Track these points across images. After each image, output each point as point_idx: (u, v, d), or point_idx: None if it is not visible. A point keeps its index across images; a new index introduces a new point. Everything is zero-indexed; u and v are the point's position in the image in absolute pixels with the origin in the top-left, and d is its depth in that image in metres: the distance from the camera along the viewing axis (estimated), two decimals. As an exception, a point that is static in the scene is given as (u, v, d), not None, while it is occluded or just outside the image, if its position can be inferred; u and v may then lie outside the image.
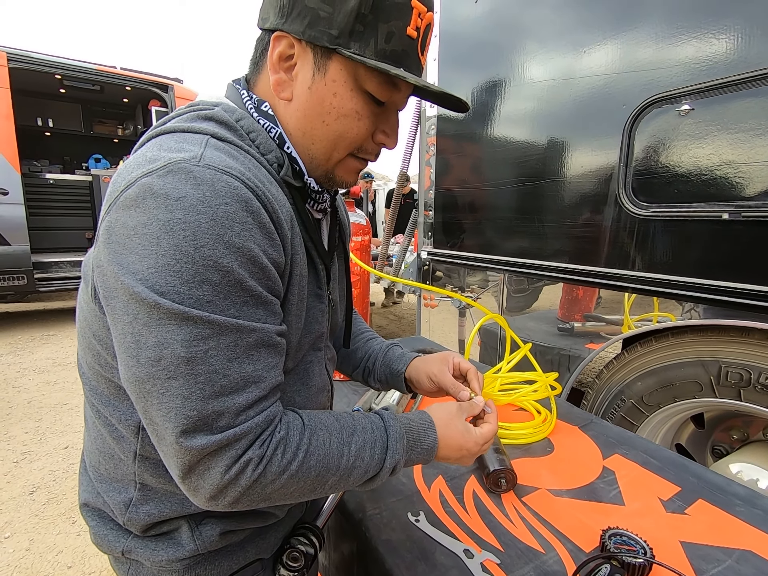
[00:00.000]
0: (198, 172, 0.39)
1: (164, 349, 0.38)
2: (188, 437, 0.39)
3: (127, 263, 0.38)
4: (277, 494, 0.46)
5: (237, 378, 0.41)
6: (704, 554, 0.70)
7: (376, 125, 0.52)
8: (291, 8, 0.46)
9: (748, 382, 1.10)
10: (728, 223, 1.05)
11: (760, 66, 0.97)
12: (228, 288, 0.40)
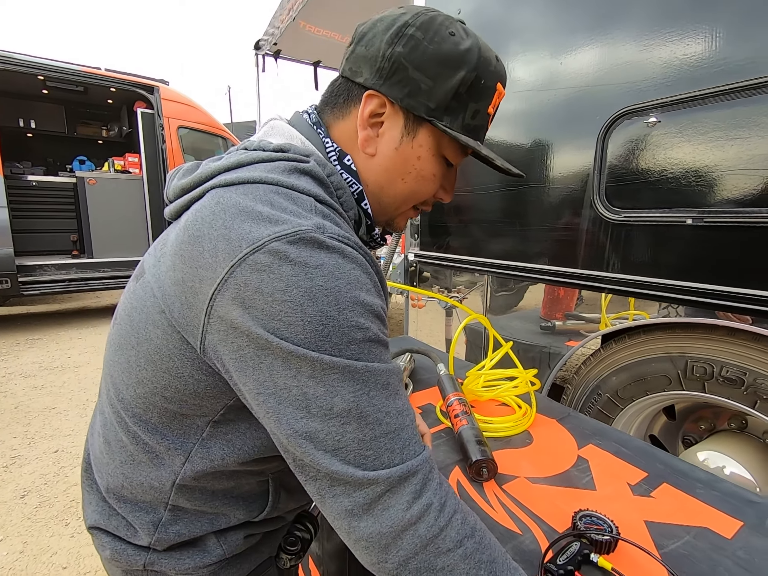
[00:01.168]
0: (328, 242, 0.41)
1: (334, 397, 0.40)
2: (362, 472, 0.41)
3: (274, 329, 0.39)
4: (442, 574, 0.42)
5: (395, 414, 0.43)
6: (665, 532, 0.77)
7: (441, 184, 0.58)
8: (392, 73, 0.49)
9: (711, 375, 1.18)
10: (692, 228, 1.13)
11: (718, 83, 1.05)
12: (369, 343, 0.43)
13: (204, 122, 5.18)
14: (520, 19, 1.54)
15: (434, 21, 0.49)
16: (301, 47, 4.28)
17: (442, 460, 0.98)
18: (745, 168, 1.03)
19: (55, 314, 5.34)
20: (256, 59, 4.43)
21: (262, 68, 4.42)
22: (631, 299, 1.39)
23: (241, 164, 0.49)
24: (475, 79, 0.49)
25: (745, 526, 0.78)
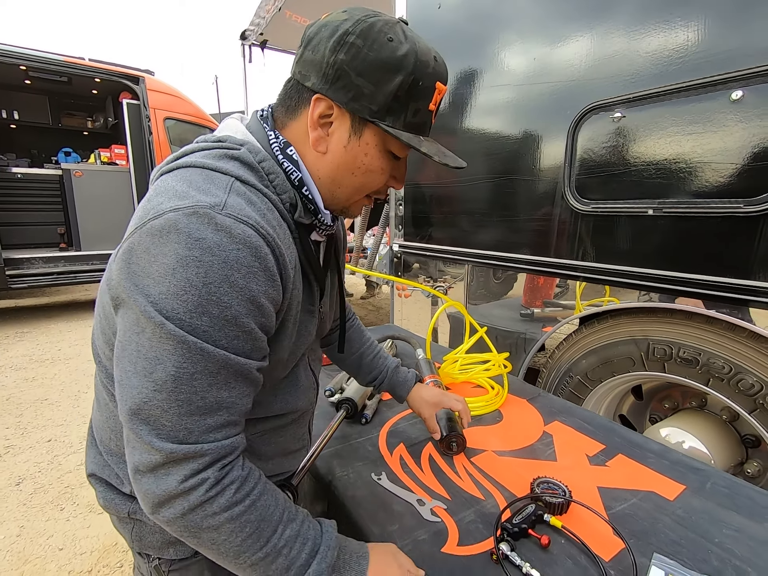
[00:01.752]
0: (219, 219, 0.45)
1: (158, 364, 0.44)
2: (160, 441, 0.45)
3: (143, 285, 0.44)
4: (208, 533, 0.48)
5: (212, 401, 0.47)
6: (615, 495, 0.85)
7: (392, 174, 0.62)
8: (336, 78, 0.53)
9: (671, 356, 1.26)
10: (653, 218, 1.20)
11: (676, 80, 1.11)
12: (223, 322, 0.45)
13: (191, 113, 5.14)
14: (497, 18, 1.58)
15: (373, 28, 0.52)
16: (287, 37, 4.26)
17: (417, 437, 1.05)
18: (700, 161, 1.10)
19: (43, 307, 5.32)
20: (242, 49, 4.41)
21: (249, 59, 4.40)
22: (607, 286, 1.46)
23: (186, 153, 0.55)
24: (413, 82, 0.52)
25: (688, 490, 0.86)
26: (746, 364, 1.12)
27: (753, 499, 0.84)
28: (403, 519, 0.78)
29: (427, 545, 0.72)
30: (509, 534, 0.72)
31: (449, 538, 0.73)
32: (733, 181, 1.04)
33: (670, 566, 0.67)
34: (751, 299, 1.05)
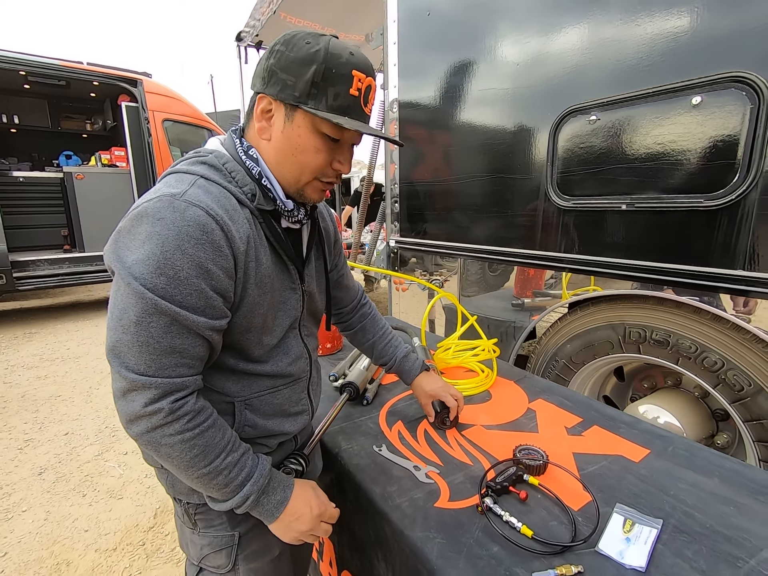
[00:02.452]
0: (176, 203, 0.58)
1: (125, 313, 0.58)
2: (126, 371, 0.58)
3: (122, 255, 0.58)
4: (165, 449, 0.61)
5: (166, 346, 0.59)
6: (588, 459, 0.96)
7: (333, 156, 0.71)
8: (269, 78, 0.66)
9: (645, 339, 1.38)
10: (626, 212, 1.31)
11: (645, 86, 1.22)
12: (177, 281, 0.58)
13: (188, 114, 5.21)
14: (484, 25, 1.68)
15: (295, 37, 0.64)
16: (282, 38, 4.33)
17: (413, 415, 1.16)
18: (666, 160, 1.20)
19: (49, 308, 5.42)
20: (238, 50, 4.48)
21: (245, 60, 4.48)
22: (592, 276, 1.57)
23: (173, 165, 0.70)
24: (326, 70, 0.62)
25: (652, 453, 0.98)
26: (710, 343, 1.23)
27: (708, 460, 0.95)
28: (401, 481, 0.89)
29: (422, 501, 0.83)
30: (493, 490, 0.83)
31: (441, 496, 0.85)
32: (694, 178, 1.15)
33: (628, 512, 0.79)
34: (712, 284, 1.16)
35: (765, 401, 1.15)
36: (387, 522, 0.81)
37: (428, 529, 0.77)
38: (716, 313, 1.19)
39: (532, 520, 0.78)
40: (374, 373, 1.39)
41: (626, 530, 0.76)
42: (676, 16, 1.14)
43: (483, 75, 1.70)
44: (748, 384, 1.17)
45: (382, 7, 2.17)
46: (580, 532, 0.75)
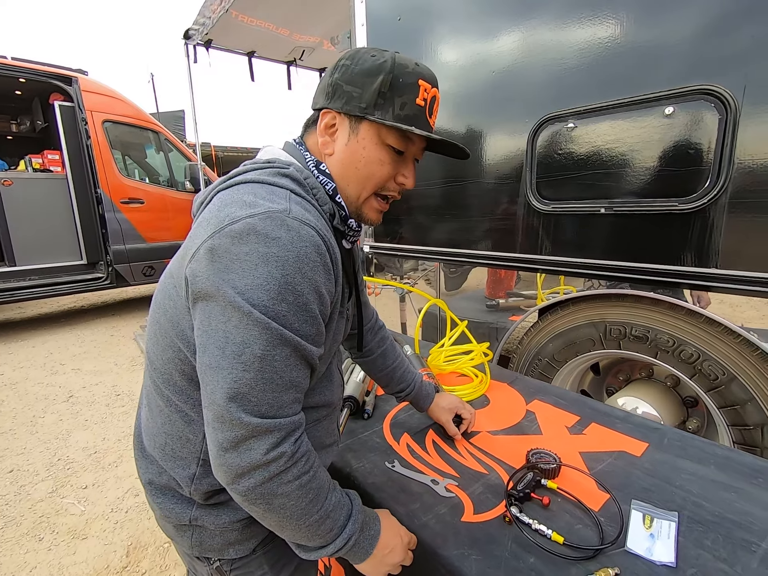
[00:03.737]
0: (289, 221, 0.53)
1: (246, 347, 0.51)
2: (247, 416, 0.51)
3: (228, 279, 0.51)
4: (280, 498, 0.55)
5: (288, 380, 0.54)
6: (595, 457, 0.99)
7: (397, 170, 0.69)
8: (333, 92, 0.64)
9: (624, 335, 1.45)
10: (605, 216, 1.37)
11: (620, 96, 1.28)
12: (297, 307, 0.53)
13: (131, 115, 4.86)
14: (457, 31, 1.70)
15: (359, 51, 0.64)
16: (234, 37, 4.17)
17: (417, 426, 1.15)
18: (642, 166, 1.27)
19: (-26, 330, 4.85)
20: (186, 49, 4.26)
21: (194, 59, 4.26)
22: (562, 277, 1.63)
23: (238, 173, 0.64)
24: (393, 79, 0.61)
25: (650, 446, 1.03)
26: (686, 337, 1.32)
27: (700, 448, 1.02)
28: (423, 498, 0.87)
29: (448, 517, 0.82)
30: (516, 499, 0.83)
31: (465, 509, 0.84)
32: (669, 184, 1.23)
33: (645, 508, 0.82)
34: (687, 282, 1.24)
35: (737, 389, 1.25)
36: (417, 542, 0.78)
37: (461, 545, 0.75)
38: (691, 308, 1.28)
39: (558, 525, 0.78)
40: (369, 385, 1.36)
41: (647, 526, 0.78)
42: (649, 31, 1.21)
43: (458, 82, 1.72)
44: (722, 373, 1.26)
45: (349, 10, 2.14)
46: (607, 532, 0.77)
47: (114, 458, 2.32)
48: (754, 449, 1.24)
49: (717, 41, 1.10)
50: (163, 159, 5.35)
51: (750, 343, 1.20)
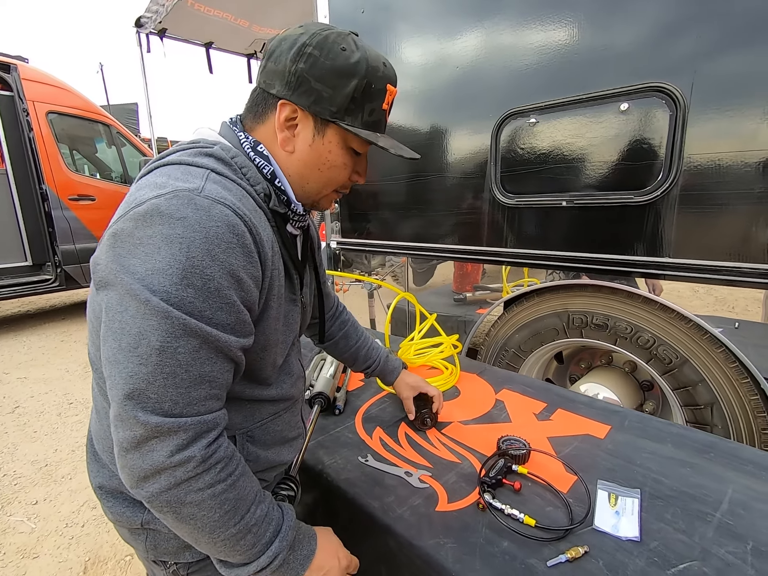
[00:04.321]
0: (198, 200, 0.49)
1: (143, 339, 0.46)
2: (145, 414, 0.47)
3: (128, 265, 0.47)
4: (189, 507, 0.50)
5: (196, 374, 0.49)
6: (561, 442, 1.03)
7: (354, 169, 0.68)
8: (298, 85, 0.59)
9: (586, 324, 1.51)
10: (566, 208, 1.42)
11: (579, 92, 1.32)
12: (207, 293, 0.48)
13: (79, 106, 4.57)
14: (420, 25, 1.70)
15: (327, 39, 0.58)
16: (190, 27, 4.00)
17: (390, 420, 1.14)
18: (600, 160, 1.32)
19: None
20: (138, 38, 4.05)
21: (147, 48, 4.06)
22: (525, 269, 1.68)
23: (162, 157, 0.59)
24: (366, 85, 0.59)
25: (613, 428, 1.07)
26: (642, 324, 1.39)
27: (658, 428, 1.07)
28: (397, 490, 0.87)
29: (423, 507, 0.82)
30: (489, 486, 0.84)
31: (440, 499, 0.84)
32: (625, 177, 1.28)
33: (610, 487, 0.85)
34: (642, 271, 1.30)
35: (689, 371, 1.32)
36: (392, 535, 0.78)
37: (437, 535, 0.75)
38: (647, 296, 1.34)
39: (530, 509, 0.80)
40: (339, 381, 1.34)
41: (612, 504, 0.81)
42: (605, 31, 1.25)
43: (422, 77, 1.72)
44: (675, 357, 1.34)
45: (311, 2, 2.10)
46: (576, 513, 0.79)
47: (68, 470, 2.18)
48: (704, 427, 1.32)
49: (667, 41, 1.15)
50: (115, 154, 5.07)
51: (700, 328, 1.27)
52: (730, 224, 1.14)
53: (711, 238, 1.18)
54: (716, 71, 1.10)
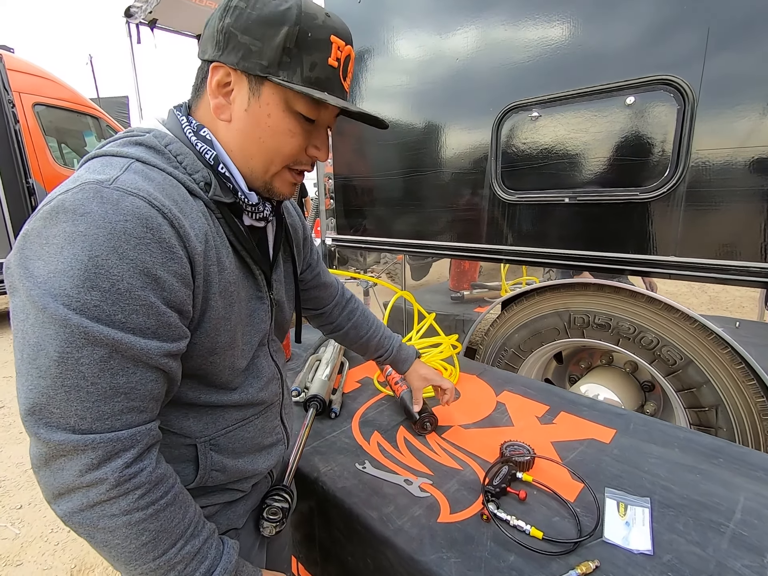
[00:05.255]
0: (105, 192, 0.44)
1: (41, 350, 0.42)
2: (48, 431, 0.43)
3: (32, 268, 0.43)
4: (102, 533, 0.46)
5: (106, 387, 0.44)
6: (566, 446, 0.99)
7: (308, 141, 0.60)
8: (226, 43, 0.53)
9: (588, 324, 1.48)
10: (569, 205, 1.38)
11: (583, 85, 1.28)
12: (116, 296, 0.43)
13: (67, 98, 4.46)
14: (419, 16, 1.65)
15: None
16: (181, 18, 3.90)
17: (388, 423, 1.10)
18: (604, 155, 1.29)
19: None
20: (127, 28, 3.94)
21: (137, 39, 3.96)
22: (524, 267, 1.64)
23: (98, 148, 0.54)
24: (300, 33, 0.51)
25: (618, 432, 1.04)
26: (646, 324, 1.35)
27: (663, 432, 1.04)
28: (396, 499, 0.83)
29: (424, 518, 0.78)
30: (492, 495, 0.81)
31: (442, 509, 0.80)
32: (630, 173, 1.24)
33: (619, 495, 0.82)
34: (648, 270, 1.27)
35: (693, 372, 1.29)
36: (391, 548, 0.74)
37: (439, 549, 0.71)
38: (651, 295, 1.31)
39: (536, 520, 0.76)
40: (335, 383, 1.30)
41: (622, 514, 0.78)
42: (612, 21, 1.21)
43: (422, 68, 1.67)
44: (679, 358, 1.31)
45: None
46: (584, 523, 0.75)
47: (54, 473, 2.12)
48: (709, 429, 1.30)
49: (675, 31, 1.11)
50: (104, 147, 4.96)
51: (705, 328, 1.24)
52: (739, 222, 1.10)
53: (718, 236, 1.15)
54: (727, 64, 1.06)
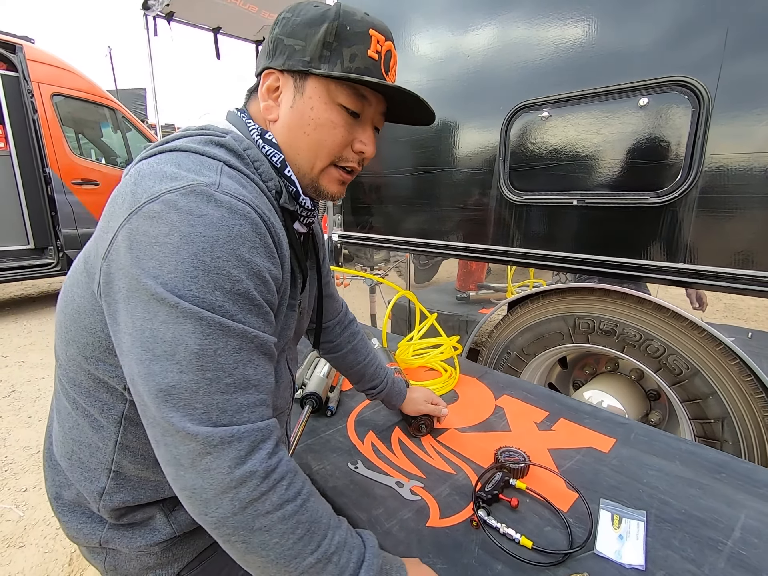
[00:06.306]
0: (218, 196, 0.45)
1: (179, 345, 0.42)
2: (194, 426, 0.43)
3: (148, 267, 0.43)
4: (259, 535, 0.45)
5: (240, 378, 0.45)
6: (563, 455, 0.97)
7: (353, 135, 0.60)
8: (275, 50, 0.57)
9: (593, 329, 1.45)
10: (577, 207, 1.35)
11: (595, 85, 1.25)
12: (236, 296, 0.45)
13: (85, 89, 4.52)
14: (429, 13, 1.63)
15: (301, 3, 0.57)
16: (198, 11, 3.93)
17: (383, 424, 1.09)
18: (615, 158, 1.26)
19: None
20: (145, 21, 3.98)
21: (154, 32, 3.99)
22: (531, 269, 1.61)
23: (168, 141, 0.54)
24: (340, 27, 0.54)
25: (618, 442, 1.01)
26: (653, 331, 1.32)
27: (666, 443, 1.01)
28: (386, 502, 0.82)
29: (413, 522, 0.77)
30: (484, 501, 0.79)
31: (431, 513, 0.79)
32: (642, 176, 1.21)
33: (614, 507, 0.80)
34: (657, 276, 1.24)
35: (700, 382, 1.26)
36: None
37: (426, 553, 0.70)
38: (658, 302, 1.27)
39: (527, 528, 0.75)
40: (333, 380, 1.29)
41: (616, 526, 0.76)
42: (627, 21, 1.18)
43: (432, 65, 1.65)
44: (686, 367, 1.27)
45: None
46: (576, 534, 0.74)
47: (59, 458, 2.16)
48: (714, 442, 1.26)
49: (692, 32, 1.08)
50: (120, 138, 5.02)
51: (714, 338, 1.21)
52: (754, 230, 1.07)
53: (732, 243, 1.11)
54: (745, 66, 1.02)
